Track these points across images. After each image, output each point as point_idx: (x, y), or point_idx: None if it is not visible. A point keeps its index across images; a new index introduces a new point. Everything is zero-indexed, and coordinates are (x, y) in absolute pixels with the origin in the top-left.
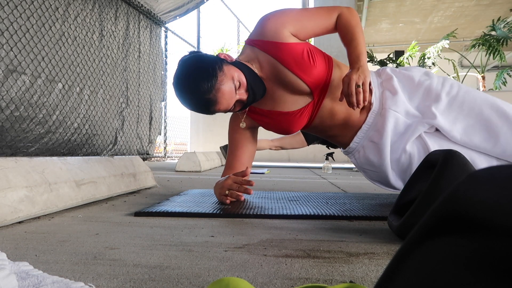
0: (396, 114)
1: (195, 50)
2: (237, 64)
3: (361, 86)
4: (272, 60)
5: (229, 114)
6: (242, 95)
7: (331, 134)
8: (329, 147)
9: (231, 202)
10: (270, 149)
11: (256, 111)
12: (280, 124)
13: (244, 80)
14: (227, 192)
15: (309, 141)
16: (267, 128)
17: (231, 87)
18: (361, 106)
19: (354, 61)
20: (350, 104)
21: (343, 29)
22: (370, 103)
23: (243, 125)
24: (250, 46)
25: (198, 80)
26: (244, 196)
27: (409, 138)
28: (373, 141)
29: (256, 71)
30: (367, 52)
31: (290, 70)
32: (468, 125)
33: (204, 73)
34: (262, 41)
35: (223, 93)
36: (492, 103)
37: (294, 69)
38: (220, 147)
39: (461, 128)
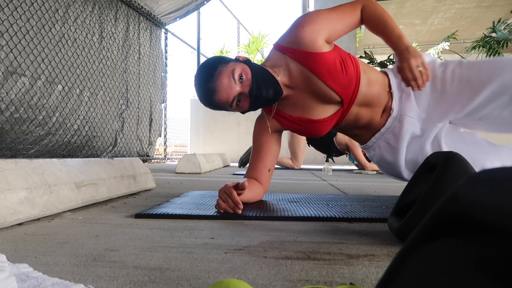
0: (412, 120)
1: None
2: (246, 61)
3: (421, 66)
4: (304, 70)
5: (229, 117)
6: (245, 88)
7: (351, 133)
8: (346, 153)
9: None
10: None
11: (285, 116)
12: (309, 130)
13: (249, 73)
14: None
15: (326, 152)
16: (294, 132)
17: (229, 77)
18: (425, 86)
19: (398, 44)
20: (417, 87)
21: (371, 19)
22: (391, 108)
23: (269, 131)
24: (280, 53)
25: (202, 73)
26: (231, 210)
27: (425, 141)
28: (389, 143)
29: (277, 76)
30: (367, 53)
31: (323, 81)
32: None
33: (208, 67)
34: (296, 50)
35: (221, 82)
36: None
37: (327, 80)
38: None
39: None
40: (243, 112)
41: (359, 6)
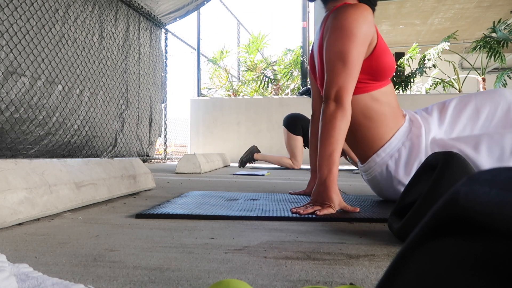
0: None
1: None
2: None
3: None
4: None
5: (229, 117)
6: None
7: (376, 120)
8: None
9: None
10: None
11: (382, 39)
12: (390, 59)
13: None
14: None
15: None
16: (376, 54)
17: None
18: None
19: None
20: None
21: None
22: (405, 115)
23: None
24: None
25: None
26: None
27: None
28: (410, 141)
29: None
30: None
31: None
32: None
33: None
34: None
35: None
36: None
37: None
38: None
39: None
40: None
41: None
